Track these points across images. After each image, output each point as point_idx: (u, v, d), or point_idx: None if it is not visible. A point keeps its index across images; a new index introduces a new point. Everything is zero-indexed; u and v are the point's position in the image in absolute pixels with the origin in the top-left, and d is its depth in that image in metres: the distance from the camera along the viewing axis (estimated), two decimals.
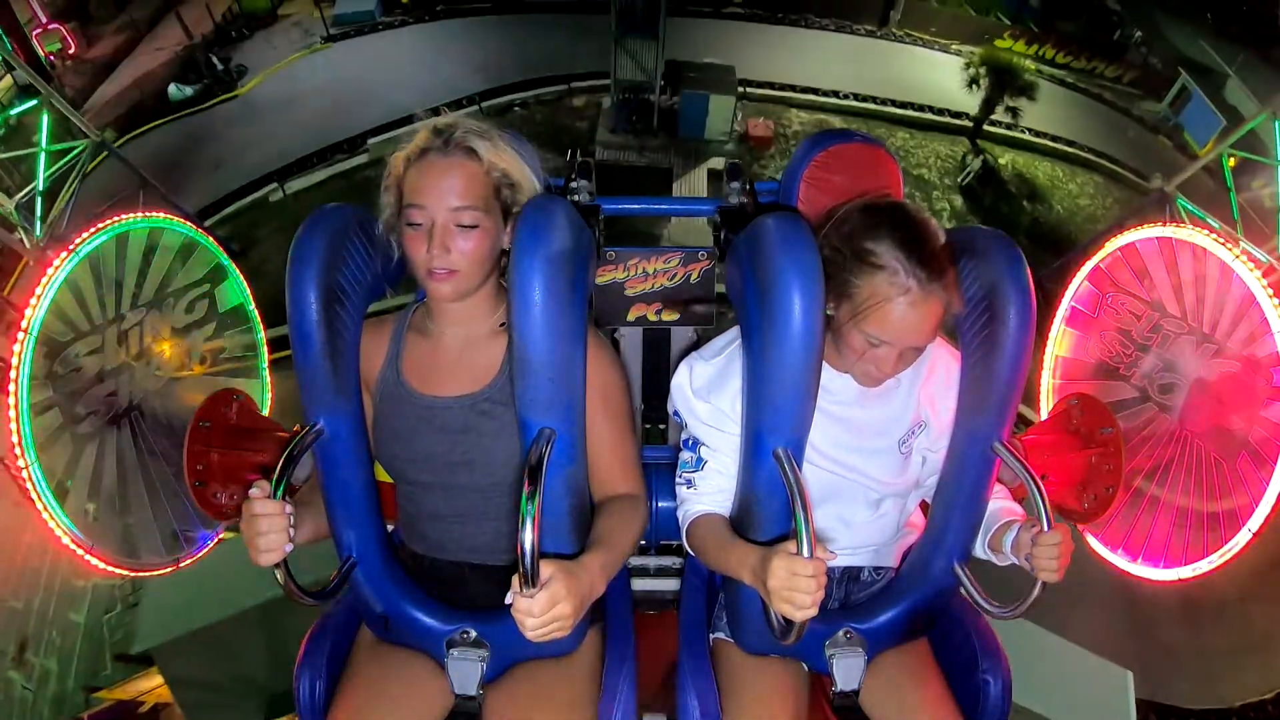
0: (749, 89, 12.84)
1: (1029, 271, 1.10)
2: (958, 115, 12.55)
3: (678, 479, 1.23)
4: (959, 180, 11.19)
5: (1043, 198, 11.38)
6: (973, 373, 1.15)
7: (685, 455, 1.22)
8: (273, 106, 12.55)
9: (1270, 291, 1.16)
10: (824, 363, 1.11)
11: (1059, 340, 1.55)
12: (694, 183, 11.18)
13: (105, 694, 5.35)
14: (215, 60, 13.20)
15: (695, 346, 1.54)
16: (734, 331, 1.19)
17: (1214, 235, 1.24)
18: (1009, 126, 12.10)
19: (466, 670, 1.17)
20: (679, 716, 1.23)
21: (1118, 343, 1.41)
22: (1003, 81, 11.39)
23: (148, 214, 1.32)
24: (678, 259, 1.56)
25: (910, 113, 12.84)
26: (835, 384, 1.16)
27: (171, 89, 12.78)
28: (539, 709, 1.14)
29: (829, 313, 1.08)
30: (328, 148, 11.52)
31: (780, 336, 0.98)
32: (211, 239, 1.47)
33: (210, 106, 12.67)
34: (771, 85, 13.17)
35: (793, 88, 12.95)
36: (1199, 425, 1.26)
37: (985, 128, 12.12)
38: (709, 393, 1.16)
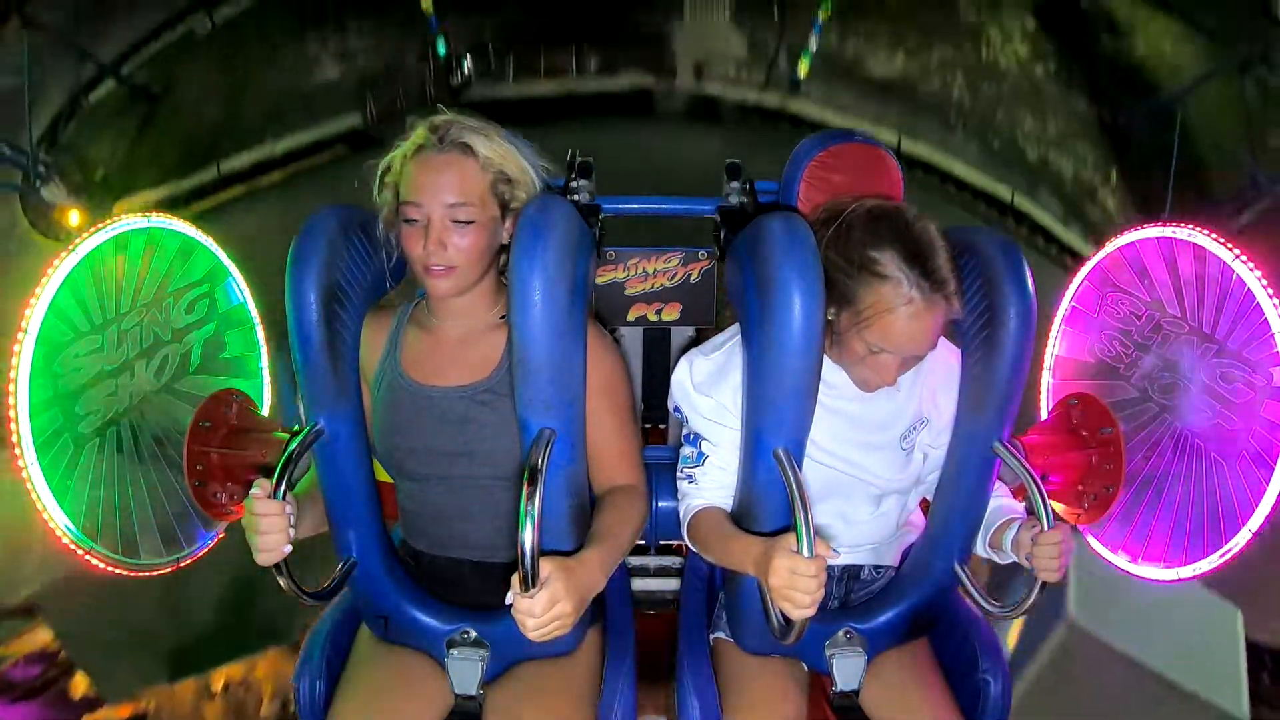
0: None
1: (1029, 271, 1.10)
2: None
3: (679, 474, 1.23)
4: None
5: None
6: (973, 373, 1.16)
7: (686, 450, 1.22)
8: None
9: (1270, 291, 1.16)
10: (825, 357, 1.11)
11: (1059, 340, 1.55)
12: None
13: None
14: None
15: (695, 345, 1.54)
16: (735, 328, 1.19)
17: (1214, 235, 1.24)
18: None
19: (466, 670, 1.17)
20: (679, 716, 1.23)
21: (1118, 343, 1.41)
22: None
23: (147, 216, 1.31)
24: (678, 259, 1.56)
25: None
26: (836, 378, 1.16)
27: None
28: (539, 709, 1.14)
29: (829, 317, 1.08)
30: None
31: (780, 336, 0.98)
32: (211, 240, 1.46)
33: None
34: None
35: None
36: (1199, 425, 1.26)
37: None
38: (710, 387, 1.16)
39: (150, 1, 8.63)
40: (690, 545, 1.23)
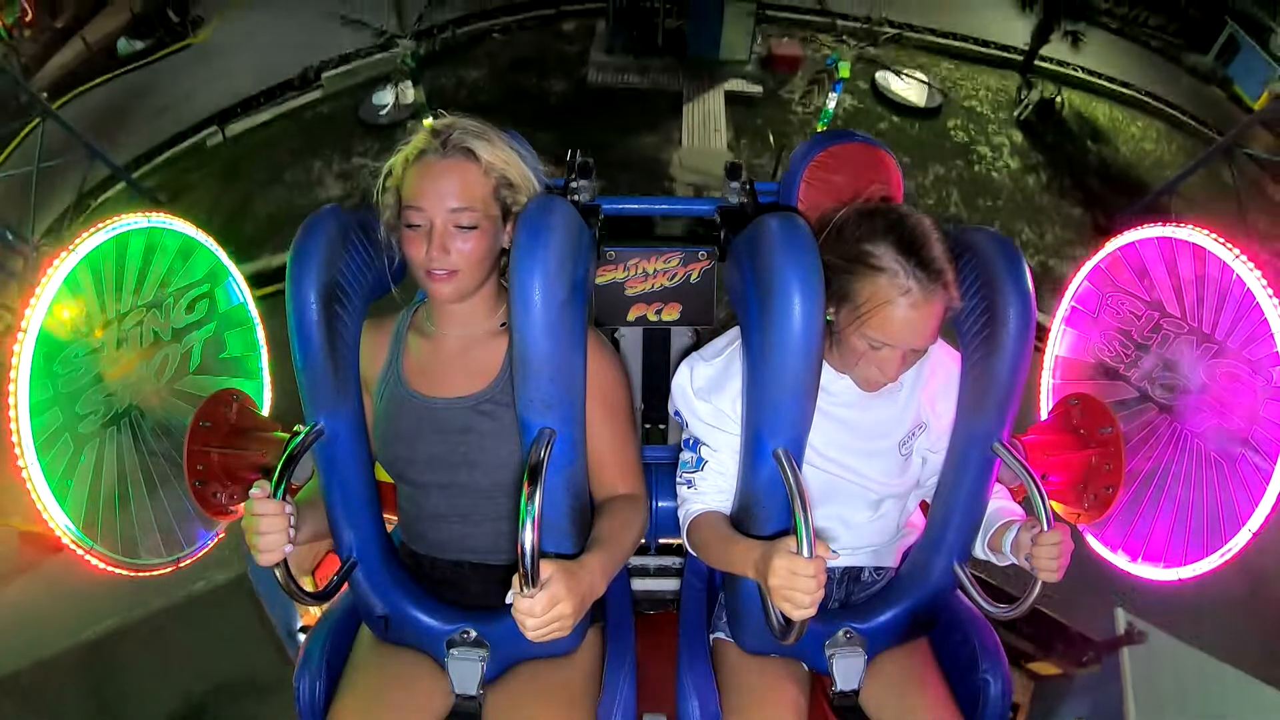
0: (768, 11, 10.76)
1: (1029, 271, 1.10)
2: (1005, 48, 11.29)
3: (678, 479, 1.23)
4: (1015, 114, 10.20)
5: (1106, 139, 10.37)
6: (973, 373, 1.15)
7: (685, 455, 1.22)
8: (226, 49, 10.98)
9: (1270, 291, 1.16)
10: (824, 364, 1.11)
11: (1059, 340, 1.55)
12: (710, 106, 9.55)
13: None
14: (170, 11, 11.30)
15: (695, 346, 1.54)
16: (734, 332, 1.19)
17: (1214, 235, 1.24)
18: (1060, 64, 10.98)
19: (466, 670, 1.17)
20: (679, 716, 1.23)
21: (1118, 343, 1.41)
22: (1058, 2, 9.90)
23: (147, 216, 1.31)
24: (678, 259, 1.56)
25: (954, 43, 11.41)
26: (835, 385, 1.16)
27: (121, 43, 11.15)
28: (539, 709, 1.14)
29: (829, 317, 1.08)
30: (275, 86, 10.01)
31: (780, 337, 0.98)
32: (211, 240, 1.46)
33: (161, 58, 10.92)
34: (794, 9, 11.08)
35: (819, 12, 10.33)
36: (1199, 425, 1.26)
37: (1037, 63, 10.98)
38: (710, 393, 1.16)
39: (168, 113, 9.51)
40: (690, 549, 1.23)
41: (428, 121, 1.17)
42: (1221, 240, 1.22)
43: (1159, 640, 2.86)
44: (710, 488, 1.19)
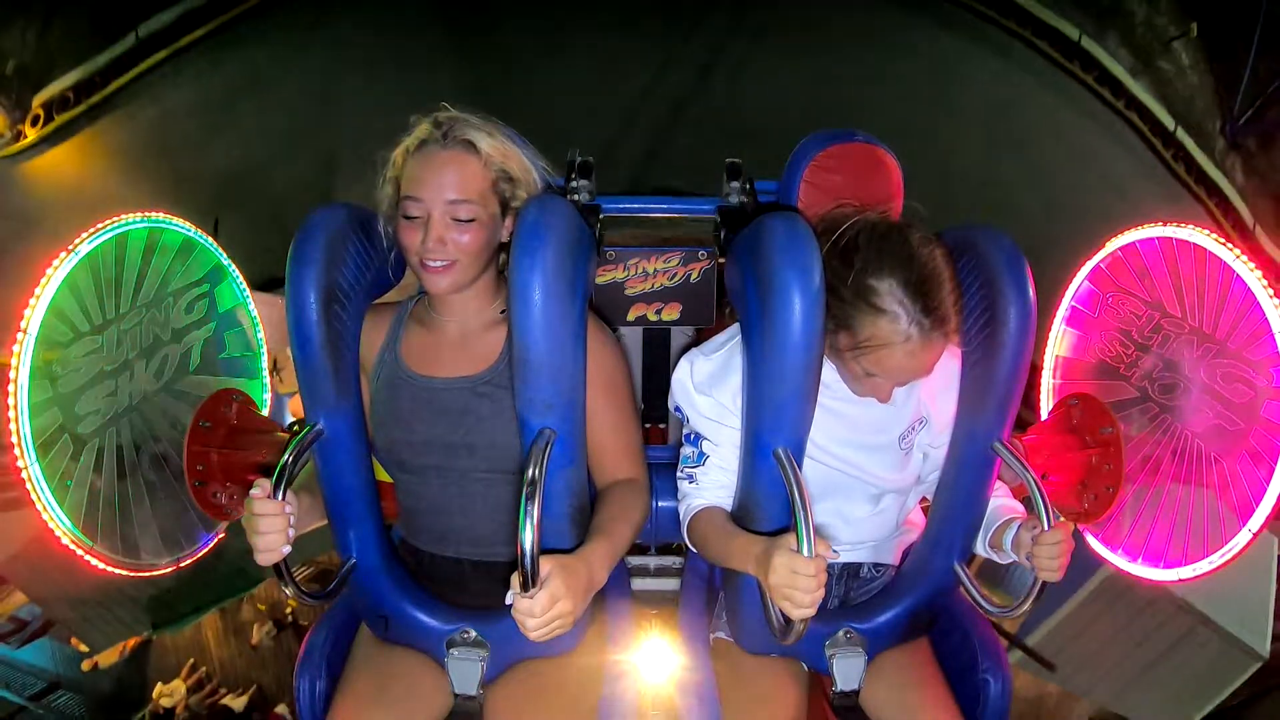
0: None
1: (1029, 271, 1.10)
2: None
3: (679, 474, 1.23)
4: None
5: None
6: (973, 373, 1.16)
7: (686, 450, 1.22)
8: None
9: (1270, 291, 1.16)
10: (824, 358, 1.11)
11: (1059, 340, 1.55)
12: None
13: None
14: None
15: (694, 345, 1.54)
16: (735, 328, 1.19)
17: (1214, 235, 1.24)
18: None
19: (466, 670, 1.17)
20: (679, 716, 1.23)
21: (1118, 343, 1.41)
22: None
23: (147, 214, 1.31)
24: (678, 259, 1.56)
25: None
26: (835, 379, 1.16)
27: None
28: (539, 709, 1.14)
29: (827, 329, 1.07)
30: None
31: (780, 336, 0.98)
32: (211, 240, 1.46)
33: None
34: None
35: None
36: (1199, 425, 1.26)
37: None
38: (710, 387, 1.16)
39: None
40: (689, 545, 1.23)
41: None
42: (1222, 240, 1.22)
43: None
44: (711, 483, 1.18)
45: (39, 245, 1.18)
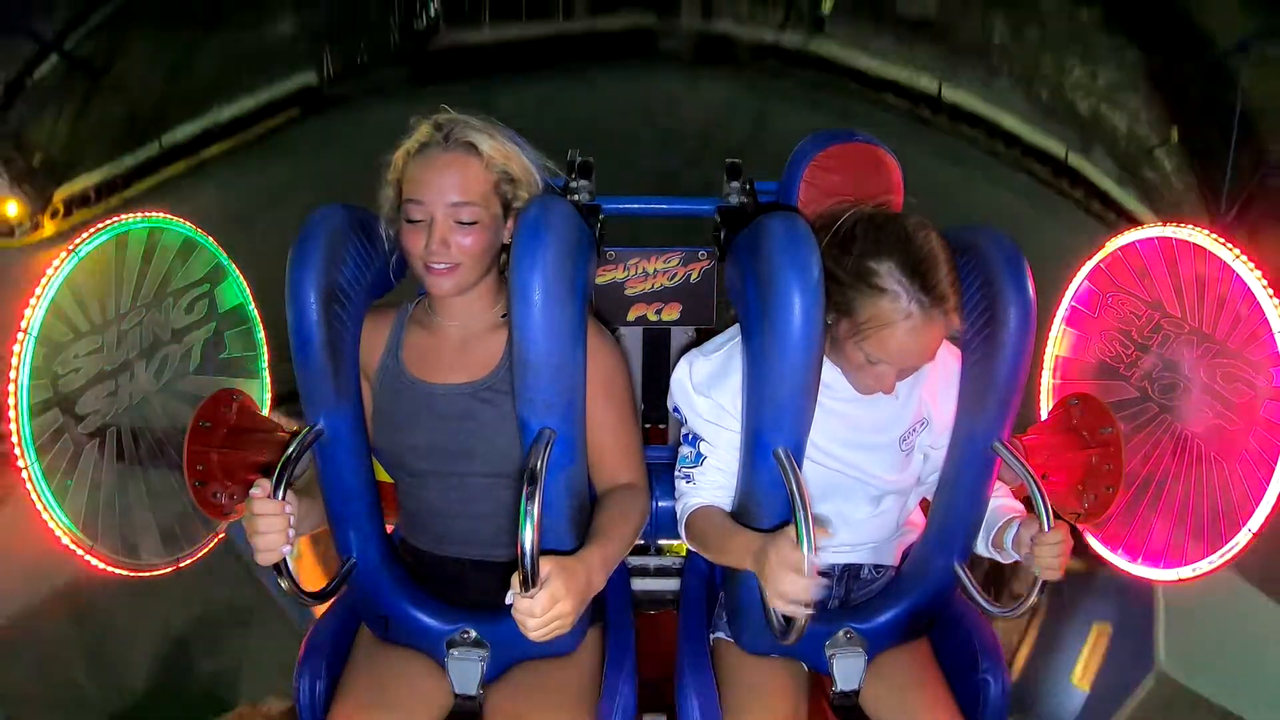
0: None
1: (1029, 271, 1.10)
2: None
3: (677, 474, 1.22)
4: None
5: None
6: (973, 373, 1.16)
7: (685, 450, 1.21)
8: None
9: (1270, 291, 1.16)
10: (824, 358, 1.11)
11: (1059, 340, 1.55)
12: None
13: None
14: None
15: (694, 345, 1.54)
16: (735, 328, 1.19)
17: (1214, 235, 1.24)
18: None
19: (467, 670, 1.17)
20: (679, 716, 1.23)
21: (1118, 343, 1.41)
22: None
23: (147, 214, 1.31)
24: (678, 259, 1.56)
25: None
26: (835, 380, 1.16)
27: None
28: (539, 709, 1.14)
29: (828, 322, 1.07)
30: None
31: (780, 336, 0.98)
32: (211, 239, 1.46)
33: None
34: None
35: None
36: (1199, 425, 1.26)
37: None
38: (709, 388, 1.16)
39: None
40: (687, 543, 1.23)
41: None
42: (1222, 240, 1.22)
43: None
44: (709, 483, 1.18)
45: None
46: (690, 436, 1.21)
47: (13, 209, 4.63)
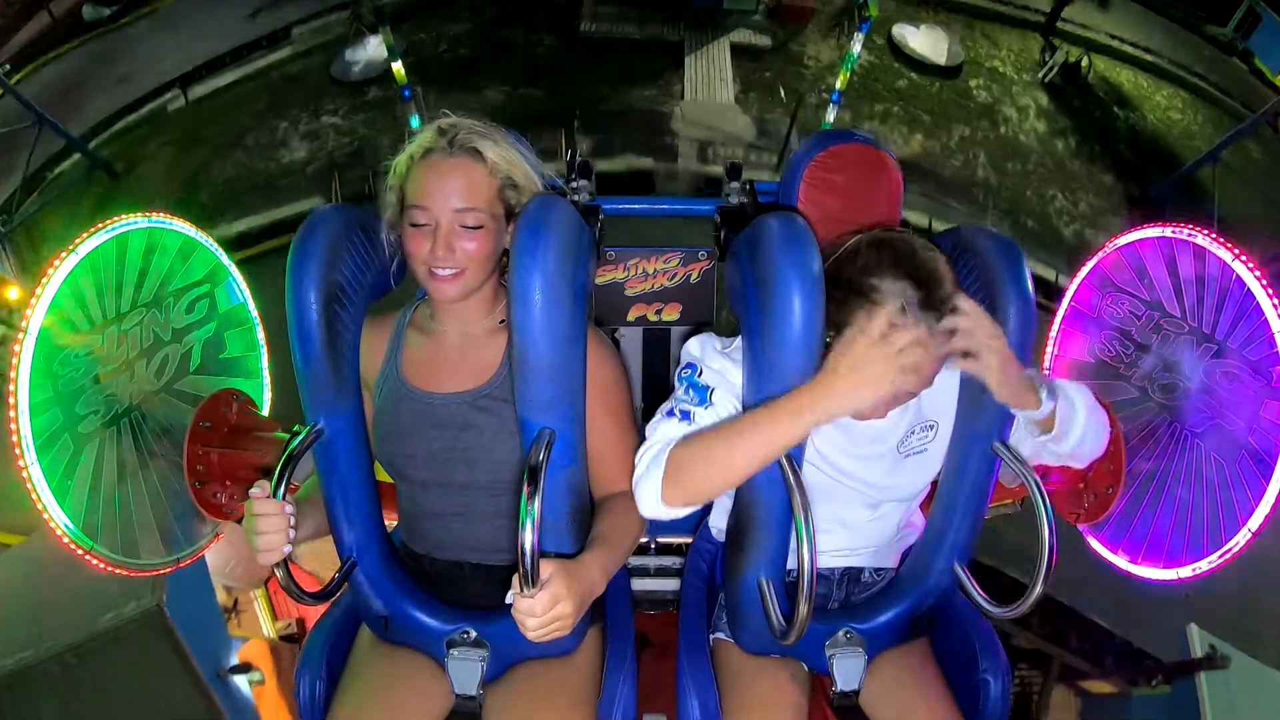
0: None
1: (1029, 271, 1.10)
2: (1025, 8, 10.54)
3: (665, 414, 1.08)
4: (1040, 76, 9.66)
5: (1133, 105, 9.85)
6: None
7: (686, 395, 1.08)
8: (198, 9, 9.96)
9: (1270, 291, 1.16)
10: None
11: (1059, 340, 1.55)
12: (714, 58, 8.68)
13: None
14: None
15: None
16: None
17: (1214, 235, 1.24)
18: (1082, 26, 10.40)
19: (467, 670, 1.17)
20: (679, 716, 1.23)
21: (1118, 343, 1.41)
22: None
23: (148, 215, 1.31)
24: (678, 259, 1.56)
25: (973, 1, 10.46)
26: None
27: (86, 9, 10.20)
28: (539, 709, 1.14)
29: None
30: (242, 45, 9.04)
31: (780, 337, 0.98)
32: (211, 239, 1.46)
33: (127, 23, 9.95)
34: None
35: None
36: (1199, 425, 1.26)
37: (1058, 25, 10.34)
38: (725, 360, 1.11)
39: (131, 80, 8.76)
40: (661, 481, 1.04)
41: (432, 131, 1.15)
42: (1221, 240, 1.22)
43: (1241, 663, 2.40)
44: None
45: None
46: (700, 386, 1.10)
47: (14, 293, 4.76)
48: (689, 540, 1.54)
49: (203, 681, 1.95)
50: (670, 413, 1.08)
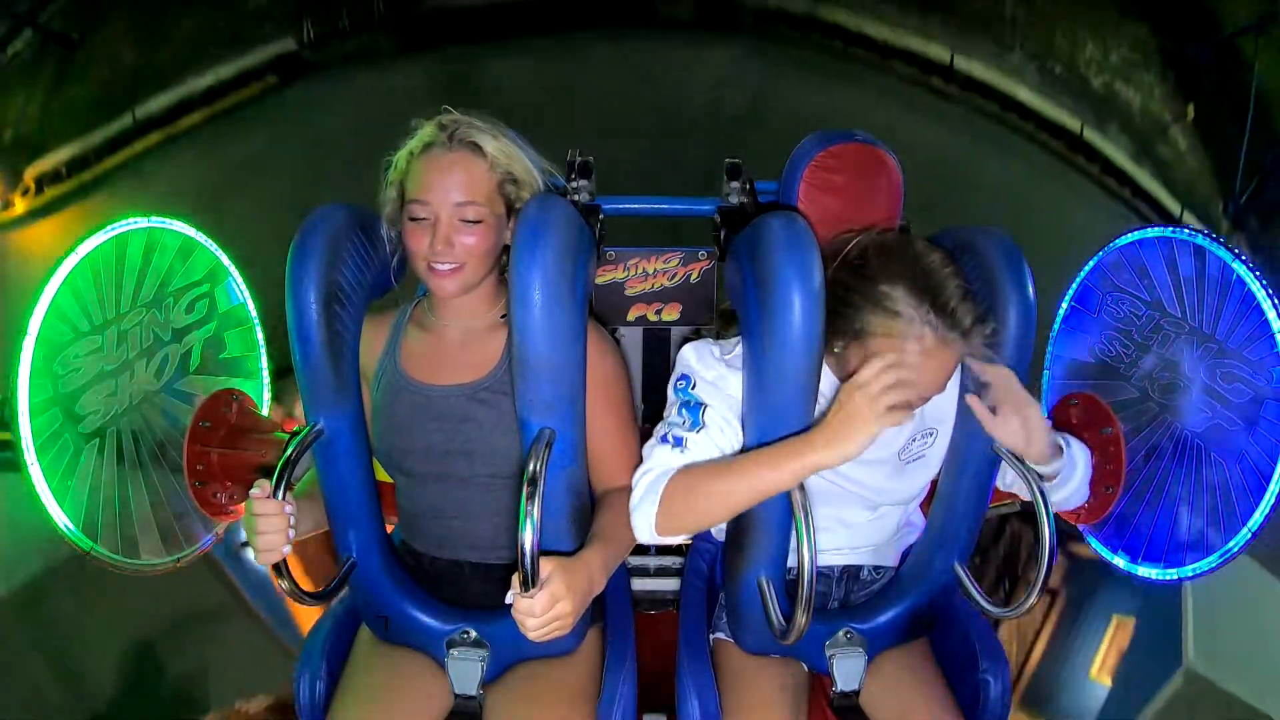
0: None
1: (1029, 271, 1.10)
2: None
3: (658, 440, 1.08)
4: None
5: None
6: (973, 373, 1.15)
7: (678, 418, 1.09)
8: None
9: (1270, 291, 1.16)
10: (828, 373, 1.10)
11: (1059, 340, 1.55)
12: None
13: None
14: None
15: None
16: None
17: (1214, 236, 1.24)
18: None
19: (467, 670, 1.17)
20: (679, 716, 1.23)
21: (1118, 342, 1.41)
22: None
23: (148, 216, 1.32)
24: (678, 259, 1.56)
25: None
26: (830, 391, 1.15)
27: None
28: (539, 709, 1.14)
29: (836, 350, 1.06)
30: None
31: (780, 337, 0.98)
32: (210, 240, 1.46)
33: None
34: None
35: None
36: (1199, 425, 1.26)
37: None
38: (720, 367, 1.11)
39: None
40: (655, 510, 1.04)
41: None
42: (1221, 240, 1.23)
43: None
44: (705, 454, 1.07)
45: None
46: (692, 404, 1.10)
47: None
48: (689, 540, 1.54)
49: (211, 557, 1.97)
50: (664, 438, 1.08)
